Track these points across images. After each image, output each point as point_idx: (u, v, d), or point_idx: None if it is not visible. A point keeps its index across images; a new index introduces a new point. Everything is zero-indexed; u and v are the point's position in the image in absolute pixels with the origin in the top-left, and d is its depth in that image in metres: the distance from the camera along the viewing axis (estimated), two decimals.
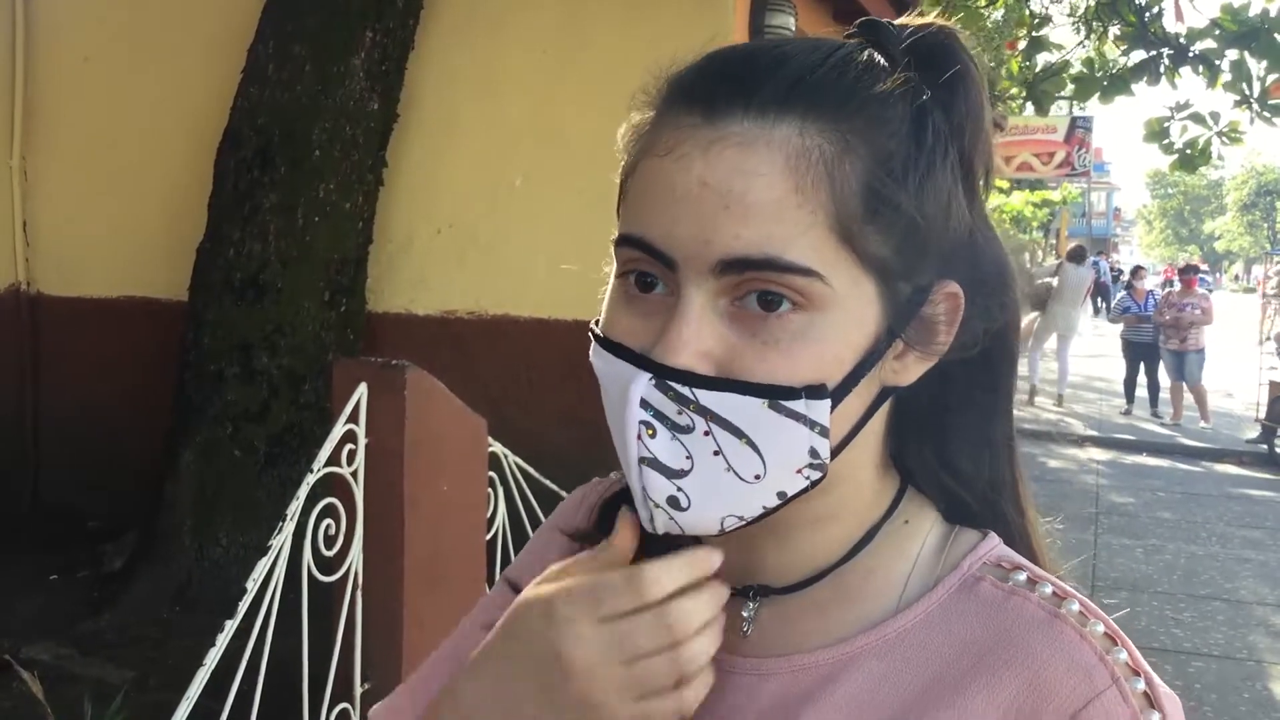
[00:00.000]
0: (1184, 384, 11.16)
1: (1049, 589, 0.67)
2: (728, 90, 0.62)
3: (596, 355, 0.67)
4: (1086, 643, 0.64)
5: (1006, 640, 0.65)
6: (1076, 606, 0.66)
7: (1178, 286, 12.39)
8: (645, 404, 0.62)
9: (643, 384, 0.62)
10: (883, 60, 0.65)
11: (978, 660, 0.65)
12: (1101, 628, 0.65)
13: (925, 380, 0.69)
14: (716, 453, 0.62)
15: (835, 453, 0.65)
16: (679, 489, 0.63)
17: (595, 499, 0.85)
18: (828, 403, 0.62)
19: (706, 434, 0.62)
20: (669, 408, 0.62)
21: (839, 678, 0.67)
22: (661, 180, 0.63)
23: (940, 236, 0.65)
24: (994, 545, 0.71)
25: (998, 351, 0.71)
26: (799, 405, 0.61)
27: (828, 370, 0.62)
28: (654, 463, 0.63)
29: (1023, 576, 0.68)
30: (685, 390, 0.61)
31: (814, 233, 0.60)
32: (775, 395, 0.61)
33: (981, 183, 0.68)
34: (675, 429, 0.62)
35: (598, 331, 0.67)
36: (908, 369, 0.67)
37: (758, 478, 0.63)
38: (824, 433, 0.62)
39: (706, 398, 0.61)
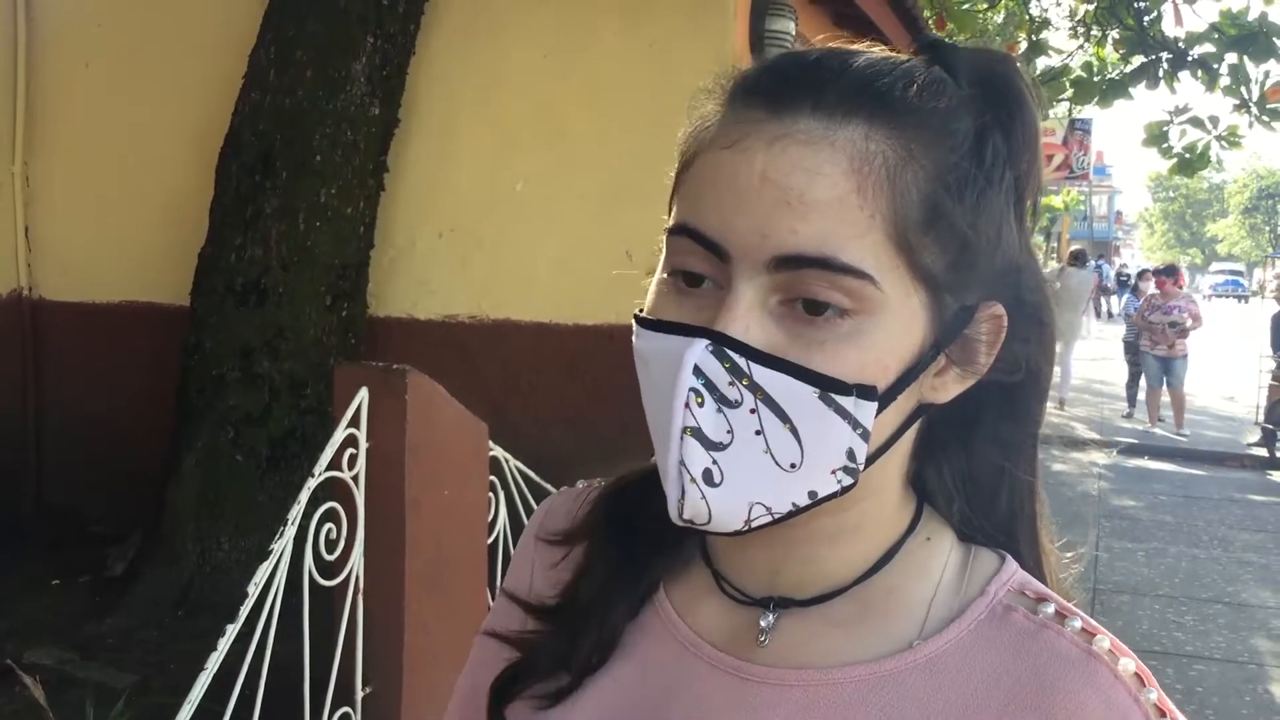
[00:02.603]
0: (1162, 389, 11.04)
1: (1078, 623, 0.66)
2: (795, 88, 0.63)
3: (640, 337, 0.66)
4: (1121, 683, 0.63)
5: (1042, 676, 0.64)
6: (1107, 643, 0.65)
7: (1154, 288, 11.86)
8: (698, 371, 0.62)
9: (699, 350, 0.62)
10: (946, 78, 0.65)
11: (1012, 694, 0.64)
12: (1132, 666, 0.65)
13: (953, 405, 0.68)
14: (758, 432, 0.62)
15: (869, 461, 0.65)
16: (714, 461, 0.63)
17: (570, 503, 0.85)
18: (874, 405, 0.62)
19: (752, 411, 0.62)
20: (721, 378, 0.62)
21: (868, 698, 0.67)
22: (722, 172, 0.63)
23: (990, 257, 0.65)
24: (1015, 570, 0.71)
25: (1028, 383, 0.71)
26: (848, 402, 0.61)
27: (872, 375, 0.62)
28: (697, 432, 0.62)
29: (1051, 609, 0.67)
30: (741, 362, 0.61)
31: (871, 236, 0.60)
32: (828, 387, 0.61)
33: (1030, 215, 0.69)
34: (722, 401, 0.62)
35: (643, 316, 0.67)
36: (946, 387, 0.67)
37: (794, 466, 0.63)
38: (865, 435, 0.63)
39: (761, 374, 0.61)
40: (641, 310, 0.68)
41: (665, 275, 0.67)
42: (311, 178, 4.64)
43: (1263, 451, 10.02)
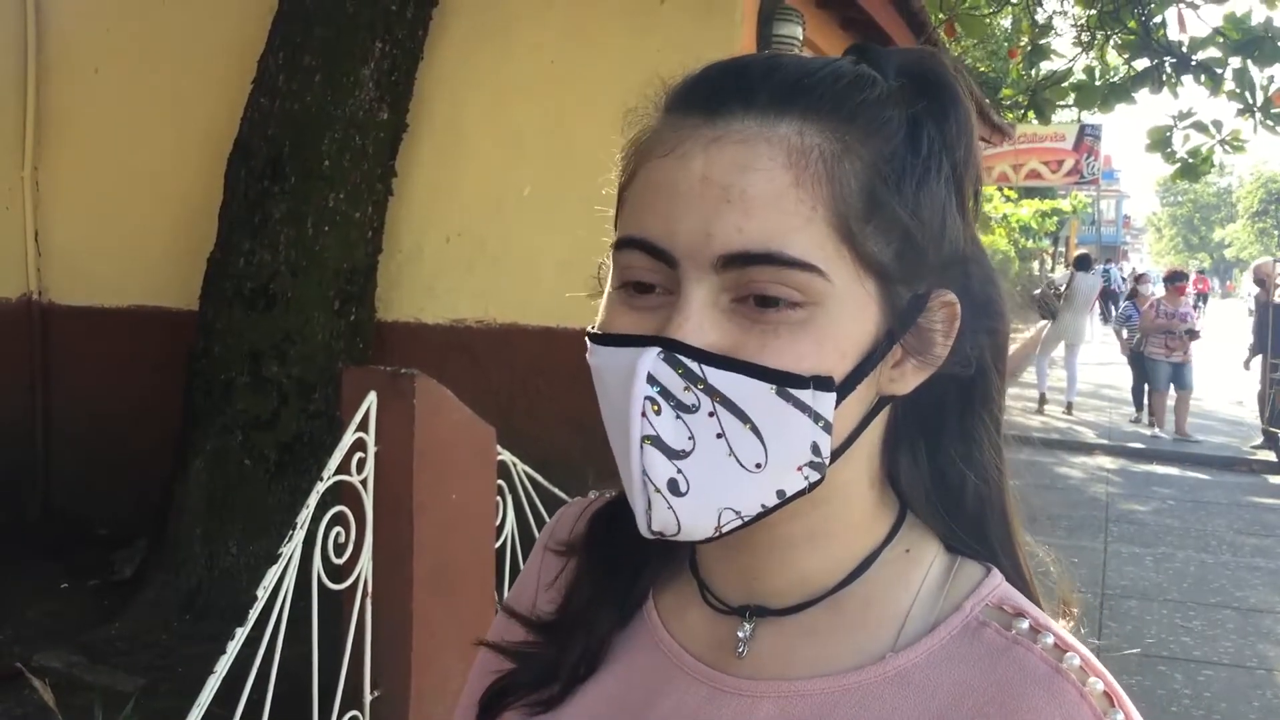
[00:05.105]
0: (1168, 393, 11.00)
1: (1051, 639, 0.65)
2: (728, 91, 0.63)
3: (594, 354, 0.66)
4: (1086, 702, 0.62)
5: (1006, 692, 0.63)
6: (1077, 661, 0.64)
7: (1162, 291, 11.79)
8: (652, 379, 0.62)
9: (651, 358, 0.62)
10: (874, 74, 0.66)
11: (976, 710, 0.63)
12: (1100, 686, 0.63)
13: (914, 401, 0.69)
14: (720, 435, 0.62)
15: (835, 456, 0.65)
16: (679, 470, 0.62)
17: (576, 514, 0.85)
18: (833, 396, 0.62)
19: (711, 415, 0.62)
20: (676, 384, 0.62)
21: (835, 710, 0.66)
22: (663, 180, 0.63)
23: (937, 246, 0.65)
24: (997, 584, 0.70)
25: (978, 381, 0.71)
26: (806, 395, 0.61)
27: (829, 363, 0.62)
28: (657, 441, 0.62)
29: (1025, 625, 0.66)
30: (695, 366, 0.61)
31: (814, 228, 0.61)
32: (784, 382, 0.61)
33: (971, 205, 0.69)
34: (680, 407, 0.62)
35: (595, 331, 0.67)
36: (905, 378, 0.67)
37: (759, 466, 0.63)
38: (827, 428, 0.62)
39: (715, 376, 0.61)
40: (594, 327, 0.68)
41: (615, 289, 0.67)
42: (320, 183, 4.65)
43: (1270, 455, 9.99)
